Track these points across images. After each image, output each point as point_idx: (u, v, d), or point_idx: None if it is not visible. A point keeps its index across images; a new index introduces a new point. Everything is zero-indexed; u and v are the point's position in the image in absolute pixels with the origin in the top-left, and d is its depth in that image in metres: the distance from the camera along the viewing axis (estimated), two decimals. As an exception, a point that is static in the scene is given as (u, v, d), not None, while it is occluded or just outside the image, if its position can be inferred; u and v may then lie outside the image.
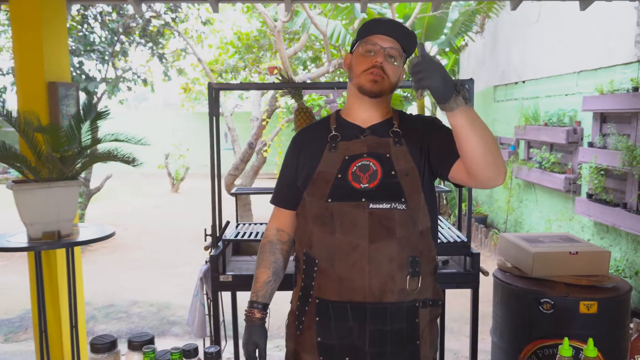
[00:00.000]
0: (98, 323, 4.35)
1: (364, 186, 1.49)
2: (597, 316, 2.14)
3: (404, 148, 1.53)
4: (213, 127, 2.40)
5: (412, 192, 1.48)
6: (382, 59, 1.50)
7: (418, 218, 1.49)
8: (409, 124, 1.58)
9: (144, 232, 8.06)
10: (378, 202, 1.46)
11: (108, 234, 2.63)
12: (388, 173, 1.49)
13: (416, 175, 1.50)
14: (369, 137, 1.55)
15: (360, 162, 1.51)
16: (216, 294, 2.34)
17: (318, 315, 1.52)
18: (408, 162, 1.51)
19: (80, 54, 6.73)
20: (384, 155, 1.51)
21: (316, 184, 1.53)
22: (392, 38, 1.52)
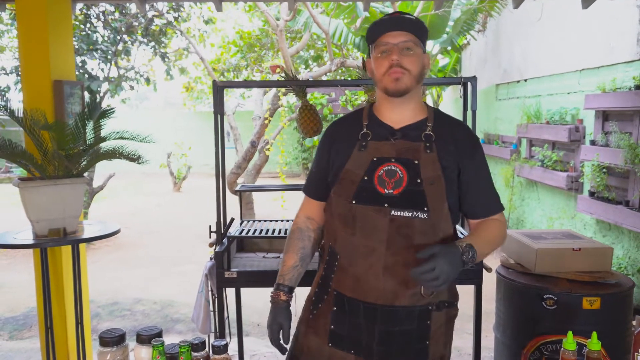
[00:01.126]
0: (102, 321, 4.37)
1: (388, 192, 1.49)
2: (600, 312, 2.16)
3: (434, 155, 1.51)
4: (218, 125, 2.42)
5: (436, 201, 1.48)
6: (397, 55, 1.49)
7: (439, 226, 1.50)
8: (446, 129, 1.56)
9: (146, 231, 8.09)
10: (400, 209, 1.47)
11: (113, 231, 2.65)
12: (414, 180, 1.49)
13: (442, 184, 1.50)
14: (399, 140, 1.54)
15: (388, 166, 1.51)
16: (221, 290, 2.35)
17: (335, 305, 1.57)
18: (435, 170, 1.50)
19: (83, 53, 6.75)
20: (412, 161, 1.51)
21: (343, 183, 1.55)
22: (401, 31, 1.51)
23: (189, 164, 12.84)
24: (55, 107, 2.91)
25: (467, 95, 2.48)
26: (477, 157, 1.57)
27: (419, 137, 1.53)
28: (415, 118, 1.57)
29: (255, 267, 2.48)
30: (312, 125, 2.45)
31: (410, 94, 1.54)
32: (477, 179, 1.56)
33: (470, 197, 1.56)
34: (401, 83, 1.49)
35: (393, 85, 1.50)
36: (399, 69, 1.48)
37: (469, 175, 1.54)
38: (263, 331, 4.13)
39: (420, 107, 1.60)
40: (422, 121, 1.57)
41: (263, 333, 4.09)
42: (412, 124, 1.56)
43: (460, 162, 1.53)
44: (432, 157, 1.51)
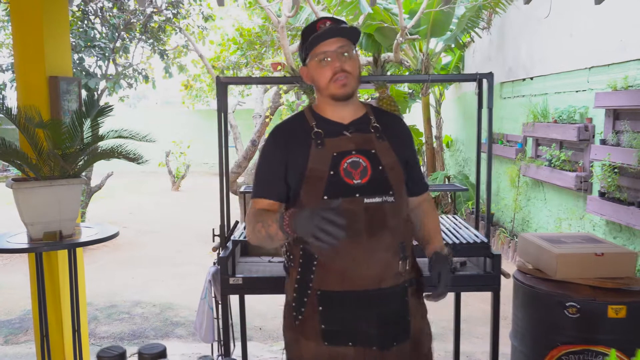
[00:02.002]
0: (100, 324, 4.25)
1: (356, 182, 1.56)
2: (626, 321, 2.05)
3: (386, 143, 1.63)
4: (222, 123, 2.30)
5: (398, 185, 1.61)
6: (339, 62, 1.56)
7: (403, 207, 1.64)
8: (386, 122, 1.69)
9: (145, 231, 7.97)
10: (371, 196, 1.55)
11: (111, 235, 2.54)
12: (376, 168, 1.58)
13: (399, 169, 1.63)
14: (354, 134, 1.62)
15: (350, 158, 1.58)
16: (225, 297, 2.24)
17: (321, 305, 1.58)
18: (392, 156, 1.62)
19: (81, 50, 6.62)
20: (369, 151, 1.60)
21: (310, 181, 1.57)
22: (336, 37, 1.57)
23: (188, 162, 12.73)
24: (50, 105, 2.79)
25: (482, 92, 2.37)
26: (412, 145, 1.76)
27: (367, 128, 1.64)
28: (358, 113, 1.66)
29: (261, 272, 2.36)
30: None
31: (355, 93, 1.64)
32: (414, 163, 1.74)
33: (412, 179, 1.72)
34: (348, 87, 1.58)
35: (341, 91, 1.57)
36: (343, 74, 1.56)
37: (411, 159, 1.71)
38: (265, 335, 4.02)
39: (359, 103, 1.70)
40: (365, 115, 1.67)
41: (265, 337, 3.99)
42: (358, 118, 1.65)
43: (405, 150, 1.68)
44: (386, 145, 1.62)
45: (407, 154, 1.69)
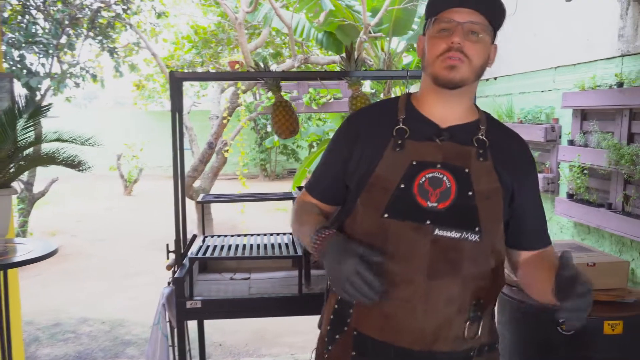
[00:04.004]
0: (42, 346, 3.87)
1: (431, 205, 1.20)
2: (623, 337, 1.89)
3: (489, 164, 1.23)
4: (176, 123, 2.03)
5: (491, 220, 1.21)
6: (459, 38, 1.20)
7: (493, 252, 1.23)
8: (501, 138, 1.29)
9: (94, 239, 7.51)
10: (446, 228, 1.18)
11: (49, 252, 2.21)
12: (464, 193, 1.20)
13: (499, 200, 1.22)
14: (447, 142, 1.24)
15: (432, 173, 1.21)
16: (182, 323, 1.97)
17: (355, 349, 1.25)
18: (492, 181, 1.22)
19: (21, 47, 6.16)
20: (462, 169, 1.22)
21: (373, 191, 1.23)
22: (472, 9, 1.21)
23: (141, 166, 12.23)
24: (-24, 104, 2.44)
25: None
26: (533, 176, 1.33)
27: (469, 140, 1.25)
28: (466, 118, 1.28)
29: (222, 292, 2.10)
30: (288, 124, 2.10)
31: (466, 88, 1.25)
32: (533, 202, 1.31)
33: (524, 224, 1.29)
34: (457, 72, 1.20)
35: (446, 73, 1.21)
36: (458, 54, 1.20)
37: (526, 196, 1.28)
38: (226, 352, 3.75)
39: (472, 107, 1.32)
40: (473, 123, 1.28)
41: (226, 354, 3.71)
42: (462, 124, 1.27)
43: (515, 180, 1.26)
44: (487, 166, 1.23)
45: (520, 186, 1.27)
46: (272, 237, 2.38)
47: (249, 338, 3.93)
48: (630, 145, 3.60)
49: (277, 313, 2.05)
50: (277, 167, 15.10)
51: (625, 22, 3.82)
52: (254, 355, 3.65)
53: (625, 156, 3.56)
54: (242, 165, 7.01)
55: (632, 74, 3.72)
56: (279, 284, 2.17)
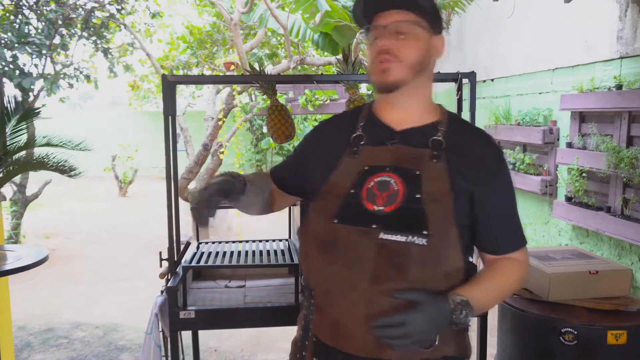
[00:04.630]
0: (34, 352, 3.81)
1: (378, 208, 1.17)
2: (627, 347, 1.85)
3: (442, 166, 1.19)
4: (169, 128, 1.97)
5: (440, 223, 1.16)
6: (385, 41, 1.20)
7: (444, 257, 1.17)
8: (463, 138, 1.25)
9: (88, 242, 7.43)
10: (392, 232, 1.15)
11: (39, 260, 2.16)
12: (412, 196, 1.17)
13: (449, 203, 1.17)
14: (398, 145, 1.23)
15: (381, 177, 1.20)
16: (175, 334, 1.91)
17: (315, 355, 1.27)
18: (443, 184, 1.18)
19: (14, 47, 6.08)
20: (412, 171, 1.19)
21: (326, 198, 1.23)
22: (395, 9, 1.21)
23: (136, 166, 12.14)
24: (-36, 107, 2.38)
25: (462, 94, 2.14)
26: (499, 178, 1.25)
27: (424, 142, 1.22)
28: (423, 120, 1.26)
29: (217, 301, 2.05)
30: (284, 129, 2.05)
31: (410, 88, 1.23)
32: (497, 206, 1.24)
33: (486, 228, 1.24)
34: (389, 75, 1.20)
35: (380, 77, 1.22)
36: (386, 57, 1.20)
37: (488, 200, 1.22)
38: (221, 357, 3.69)
39: (431, 108, 1.29)
40: (432, 124, 1.25)
41: (221, 360, 3.66)
42: (419, 126, 1.25)
43: (477, 183, 1.21)
44: (440, 168, 1.19)
45: (482, 189, 1.21)
46: (268, 244, 2.33)
47: (245, 343, 3.88)
48: (629, 149, 3.57)
49: (273, 323, 2.00)
50: (273, 167, 15.03)
51: (624, 23, 3.78)
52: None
53: (625, 159, 3.53)
54: (237, 166, 6.95)
55: (631, 76, 3.69)
56: (275, 292, 2.12)
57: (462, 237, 1.19)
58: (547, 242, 4.82)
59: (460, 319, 1.11)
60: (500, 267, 1.25)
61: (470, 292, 1.15)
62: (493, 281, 1.24)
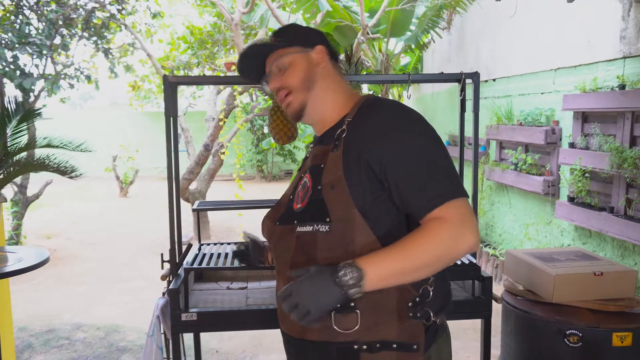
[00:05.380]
0: (35, 353, 3.79)
1: (298, 206, 1.30)
2: (632, 349, 1.84)
3: (338, 153, 1.25)
4: (170, 128, 1.96)
5: (340, 209, 1.20)
6: (274, 82, 1.36)
7: (349, 239, 1.20)
8: (363, 119, 1.28)
9: (89, 242, 7.42)
10: (303, 224, 1.25)
11: (41, 261, 2.15)
12: (315, 188, 1.26)
13: (343, 188, 1.20)
14: (315, 147, 1.38)
15: (303, 179, 1.33)
16: (177, 336, 1.90)
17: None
18: (337, 170, 1.23)
19: (14, 47, 6.07)
20: (318, 166, 1.29)
21: (276, 207, 1.40)
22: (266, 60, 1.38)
23: (137, 167, 12.14)
24: (-36, 108, 2.37)
25: (465, 95, 2.12)
26: (391, 137, 1.20)
27: (332, 137, 1.31)
28: (334, 120, 1.36)
29: (218, 303, 2.03)
30: (286, 129, 2.04)
31: (311, 103, 1.35)
32: (397, 167, 1.17)
33: (398, 193, 1.18)
34: (291, 106, 1.35)
35: (289, 112, 1.37)
36: (280, 94, 1.36)
37: (385, 164, 1.18)
38: (223, 358, 3.68)
39: (342, 103, 1.36)
40: (340, 120, 1.34)
41: (223, 362, 3.65)
42: (331, 127, 1.35)
43: (368, 151, 1.20)
44: (336, 156, 1.25)
45: (374, 155, 1.19)
46: (270, 245, 2.31)
47: (247, 344, 3.87)
48: (632, 149, 3.55)
49: (275, 325, 1.98)
50: (274, 168, 15.03)
51: (627, 23, 3.76)
52: None
53: (628, 159, 3.51)
54: (238, 166, 6.94)
55: (634, 75, 3.67)
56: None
57: (370, 218, 1.20)
58: (549, 243, 4.80)
59: (345, 281, 1.09)
60: (416, 230, 1.16)
61: (364, 257, 1.13)
62: (400, 243, 1.15)
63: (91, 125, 14.51)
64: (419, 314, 1.20)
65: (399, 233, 1.19)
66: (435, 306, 1.24)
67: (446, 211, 1.13)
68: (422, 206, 1.15)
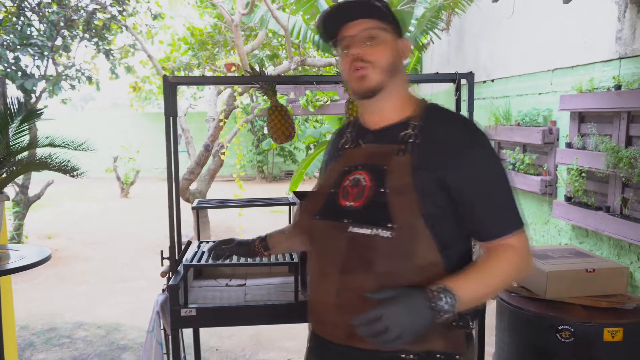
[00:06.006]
0: (37, 351, 3.83)
1: (349, 204, 1.25)
2: (623, 344, 1.87)
3: (406, 158, 1.21)
4: (170, 129, 2.00)
5: (405, 216, 1.17)
6: (356, 49, 1.25)
7: (412, 249, 1.17)
8: (435, 127, 1.25)
9: (90, 242, 7.46)
10: (359, 225, 1.21)
11: (42, 259, 2.18)
12: (378, 191, 1.22)
13: (412, 196, 1.18)
14: (370, 144, 1.31)
15: (354, 175, 1.27)
16: (176, 332, 1.93)
17: (309, 341, 1.37)
18: (405, 177, 1.20)
19: (16, 49, 6.12)
20: (380, 167, 1.24)
21: (313, 198, 1.35)
22: (360, 19, 1.26)
23: (137, 167, 12.18)
24: (-33, 108, 2.40)
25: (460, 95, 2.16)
26: (474, 159, 1.21)
27: (395, 138, 1.27)
28: (397, 117, 1.30)
29: (217, 300, 2.07)
30: (284, 129, 2.08)
31: (386, 90, 1.28)
32: (475, 188, 1.20)
33: (468, 213, 1.21)
34: (367, 80, 1.26)
35: (358, 85, 1.27)
36: (360, 64, 1.25)
37: (462, 183, 1.19)
38: (222, 357, 3.71)
39: (407, 103, 1.32)
40: (404, 120, 1.29)
41: (222, 359, 3.68)
42: (393, 124, 1.30)
43: (445, 167, 1.20)
44: (404, 160, 1.22)
45: (455, 172, 1.19)
46: (268, 243, 2.35)
47: (246, 342, 3.90)
48: (628, 148, 3.58)
49: (273, 320, 2.03)
50: (275, 169, 15.07)
51: (622, 24, 3.80)
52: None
53: (624, 159, 3.54)
54: (239, 167, 6.98)
55: (630, 76, 3.70)
56: (275, 290, 2.14)
57: (435, 229, 1.18)
58: (547, 242, 4.83)
59: (441, 306, 1.08)
60: (491, 254, 1.20)
61: (451, 280, 1.13)
62: (481, 269, 1.19)
63: (92, 126, 14.56)
64: (462, 322, 1.20)
65: (460, 247, 1.24)
66: (474, 313, 1.24)
67: (518, 239, 1.21)
68: (495, 230, 1.21)
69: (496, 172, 1.23)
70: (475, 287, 1.15)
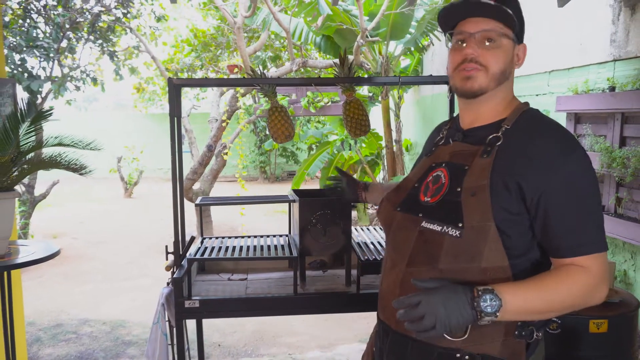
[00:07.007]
0: (44, 346, 3.93)
1: (426, 199, 1.27)
2: (608, 335, 1.95)
3: (488, 161, 1.19)
4: (175, 129, 2.08)
5: (476, 217, 1.16)
6: (472, 49, 1.23)
7: (477, 251, 1.16)
8: (524, 133, 1.21)
9: (94, 241, 7.56)
10: (431, 221, 1.22)
11: (51, 254, 2.28)
12: (454, 189, 1.22)
13: (485, 198, 1.16)
14: (457, 142, 1.31)
15: (437, 171, 1.30)
16: (180, 322, 2.02)
17: (377, 325, 1.42)
18: (482, 178, 1.18)
19: (22, 51, 6.22)
20: (462, 166, 1.24)
21: (397, 190, 1.38)
22: (483, 17, 1.24)
23: (141, 168, 12.28)
24: (-20, 109, 2.50)
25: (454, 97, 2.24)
26: (559, 174, 1.15)
27: (483, 140, 1.25)
28: (491, 119, 1.29)
29: (220, 292, 2.16)
30: (284, 129, 2.16)
31: (489, 94, 1.26)
32: (555, 202, 1.15)
33: (543, 226, 1.17)
34: (473, 82, 1.24)
35: (463, 84, 1.25)
36: (472, 65, 1.23)
37: (542, 195, 1.15)
38: (225, 352, 3.80)
39: (503, 106, 1.30)
40: (496, 122, 1.27)
41: (225, 355, 3.76)
42: (485, 125, 1.29)
43: (525, 176, 1.16)
44: (486, 163, 1.20)
45: (531, 182, 1.15)
46: (269, 239, 2.43)
47: (248, 338, 3.99)
48: (622, 149, 3.66)
49: (273, 312, 2.11)
50: (277, 169, 15.16)
51: (617, 27, 3.88)
52: (252, 355, 3.71)
53: (617, 159, 3.63)
54: (241, 167, 7.07)
55: (623, 78, 3.78)
56: (275, 284, 2.22)
57: (506, 235, 1.16)
58: (544, 241, 4.91)
59: (483, 307, 1.07)
60: (558, 272, 1.15)
61: (503, 285, 1.11)
62: (540, 282, 1.14)
63: (96, 127, 14.68)
64: (524, 332, 1.19)
65: (535, 256, 1.20)
66: (539, 324, 1.23)
67: (592, 262, 1.15)
68: (569, 248, 1.15)
69: (580, 189, 1.16)
70: (528, 298, 1.11)
